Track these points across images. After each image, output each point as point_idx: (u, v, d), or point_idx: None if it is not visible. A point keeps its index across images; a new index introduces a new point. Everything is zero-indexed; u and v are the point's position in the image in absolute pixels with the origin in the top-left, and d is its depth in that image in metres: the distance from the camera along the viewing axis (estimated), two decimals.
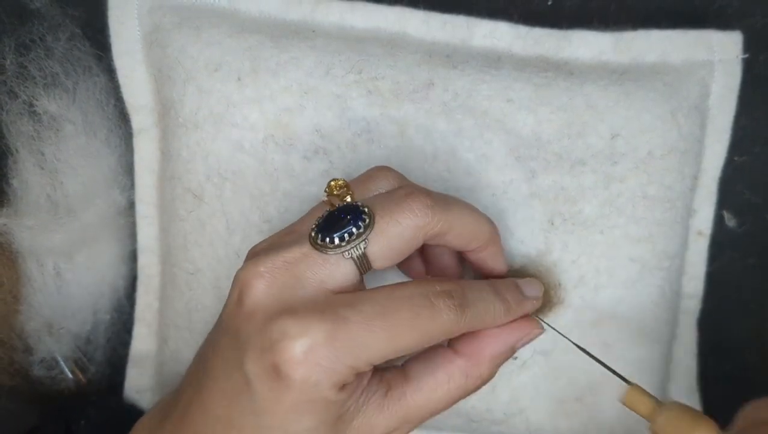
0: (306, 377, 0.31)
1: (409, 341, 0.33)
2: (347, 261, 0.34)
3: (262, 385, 0.32)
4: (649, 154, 0.43)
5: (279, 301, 0.33)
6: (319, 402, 0.32)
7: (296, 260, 0.34)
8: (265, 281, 0.33)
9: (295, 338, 0.31)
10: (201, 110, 0.43)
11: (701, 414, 0.35)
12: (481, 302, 0.36)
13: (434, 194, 0.35)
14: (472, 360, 0.37)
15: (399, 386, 0.36)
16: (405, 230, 0.34)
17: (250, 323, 0.33)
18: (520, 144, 0.43)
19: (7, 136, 0.47)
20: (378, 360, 0.32)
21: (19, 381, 0.49)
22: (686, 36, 0.45)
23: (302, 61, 0.43)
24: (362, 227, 0.34)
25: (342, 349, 0.31)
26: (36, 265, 0.48)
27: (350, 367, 0.32)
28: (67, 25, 0.47)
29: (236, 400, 0.33)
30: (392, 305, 0.33)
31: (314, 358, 0.31)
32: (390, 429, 0.35)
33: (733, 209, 0.50)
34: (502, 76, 0.43)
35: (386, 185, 0.37)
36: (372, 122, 0.43)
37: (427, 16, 0.45)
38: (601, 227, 0.44)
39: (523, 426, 0.46)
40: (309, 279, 0.33)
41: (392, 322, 0.32)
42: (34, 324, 0.49)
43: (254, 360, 0.32)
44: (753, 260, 0.50)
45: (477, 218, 0.37)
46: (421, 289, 0.34)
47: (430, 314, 0.33)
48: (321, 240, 0.34)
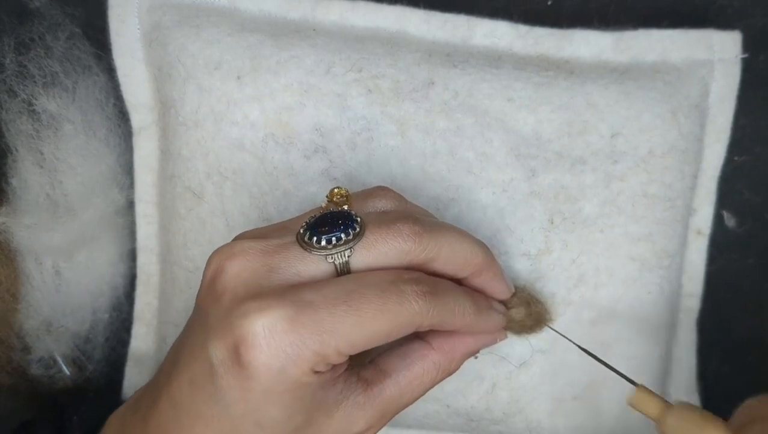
0: (269, 363, 0.31)
1: (377, 327, 0.32)
2: (328, 265, 0.33)
3: (226, 372, 0.31)
4: (649, 153, 0.43)
5: (247, 285, 0.32)
6: (288, 391, 0.31)
7: (275, 250, 0.33)
8: (237, 264, 0.33)
9: (255, 322, 0.31)
10: (201, 109, 0.43)
11: (711, 414, 0.35)
12: (450, 296, 0.35)
13: (425, 222, 0.35)
14: (446, 356, 0.37)
15: (378, 382, 0.36)
16: (390, 250, 0.34)
17: (217, 305, 0.33)
18: (521, 143, 0.43)
19: (7, 135, 0.47)
20: (347, 347, 0.32)
21: (17, 380, 0.49)
22: (686, 35, 0.45)
23: (302, 60, 0.43)
24: (351, 235, 0.33)
25: (306, 334, 0.31)
26: (35, 264, 0.48)
27: (317, 353, 0.31)
28: (67, 25, 0.47)
29: (202, 388, 0.32)
30: (359, 290, 0.32)
31: (276, 343, 0.31)
32: (370, 424, 0.35)
33: (732, 209, 0.50)
34: (502, 75, 0.43)
35: (384, 204, 0.37)
36: (372, 121, 0.43)
37: (428, 15, 0.45)
38: (601, 225, 0.44)
39: (522, 425, 0.46)
40: (283, 269, 0.33)
41: (359, 306, 0.32)
42: (32, 323, 0.48)
43: (217, 344, 0.31)
44: (752, 260, 0.50)
45: (467, 244, 0.36)
46: (389, 275, 0.33)
47: (399, 300, 0.32)
48: (308, 238, 0.33)
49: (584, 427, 0.46)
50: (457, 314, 0.35)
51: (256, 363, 0.31)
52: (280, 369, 0.31)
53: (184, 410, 0.33)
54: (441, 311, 0.34)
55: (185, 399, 0.33)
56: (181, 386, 0.33)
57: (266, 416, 0.32)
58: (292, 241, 0.34)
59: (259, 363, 0.31)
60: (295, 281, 0.33)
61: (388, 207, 0.37)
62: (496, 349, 0.44)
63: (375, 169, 0.43)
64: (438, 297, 0.34)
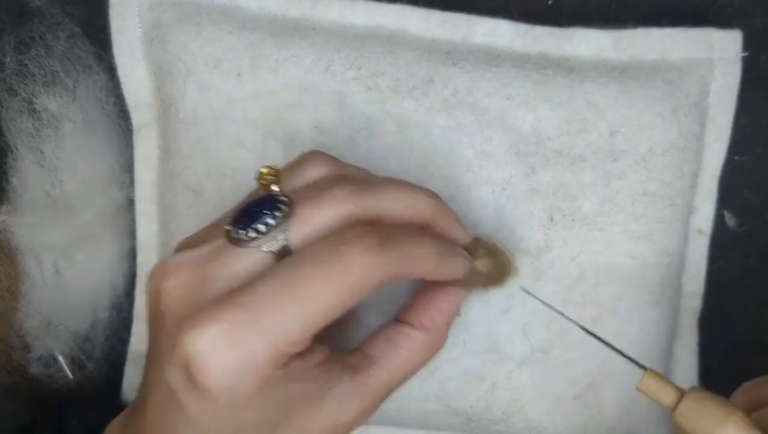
0: (222, 381, 0.30)
1: (324, 299, 0.30)
2: (266, 255, 0.31)
3: (187, 396, 0.30)
4: (649, 151, 0.43)
5: (185, 305, 0.31)
6: (254, 396, 0.30)
7: (208, 258, 0.32)
8: (172, 283, 0.32)
9: (196, 343, 0.29)
10: (201, 107, 0.43)
11: (727, 402, 0.34)
12: (406, 242, 0.33)
13: (361, 179, 0.34)
14: (431, 332, 0.36)
15: (364, 369, 0.34)
16: (328, 219, 0.32)
17: (162, 329, 0.32)
18: (520, 141, 0.43)
19: (7, 133, 0.47)
20: (300, 333, 0.30)
21: (16, 379, 0.49)
22: (686, 34, 0.45)
23: (302, 58, 0.43)
24: (280, 217, 0.32)
25: (249, 342, 0.29)
26: (35, 262, 0.48)
27: (268, 357, 0.30)
28: (67, 24, 0.47)
29: (173, 414, 0.31)
30: (294, 273, 0.30)
31: (222, 361, 0.29)
32: (361, 411, 0.34)
33: (733, 209, 0.50)
34: (501, 74, 0.43)
35: (316, 173, 0.35)
36: (371, 119, 0.43)
37: (427, 14, 0.45)
38: (601, 223, 0.44)
39: (522, 424, 0.45)
40: (218, 277, 0.31)
41: (297, 291, 0.30)
42: (32, 322, 0.49)
43: (170, 369, 0.30)
44: (753, 259, 0.50)
45: (412, 195, 0.35)
46: (325, 242, 0.31)
47: (342, 268, 0.30)
48: (236, 233, 0.32)
49: (584, 427, 0.46)
50: (418, 259, 0.33)
51: (211, 384, 0.30)
52: (235, 383, 0.30)
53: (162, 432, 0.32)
54: (398, 260, 0.32)
55: (160, 426, 0.32)
56: (153, 417, 0.33)
57: (242, 423, 0.31)
58: (224, 241, 0.32)
59: (213, 383, 0.29)
60: (232, 284, 0.31)
61: (321, 174, 0.35)
62: (497, 347, 0.44)
63: (374, 166, 0.42)
64: (391, 247, 0.32)
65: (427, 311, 0.36)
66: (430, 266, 0.34)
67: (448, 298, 0.37)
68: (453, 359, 0.44)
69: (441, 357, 0.43)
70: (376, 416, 0.45)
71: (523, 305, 0.44)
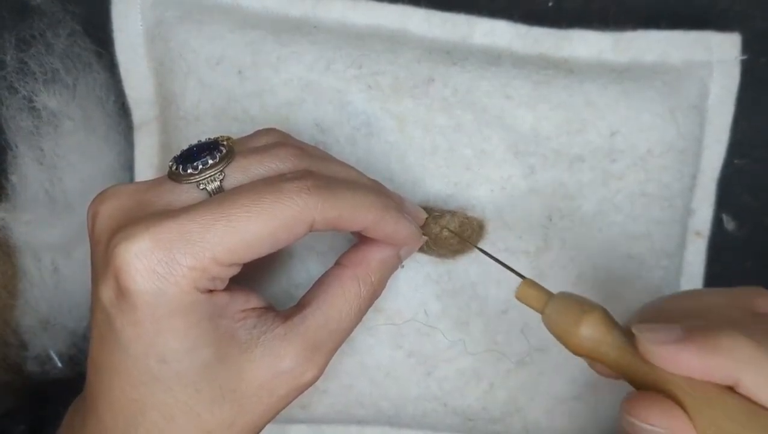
0: (144, 286, 0.30)
1: (254, 228, 0.31)
2: (201, 192, 0.32)
3: (115, 310, 0.31)
4: (647, 152, 0.44)
5: (118, 223, 0.32)
6: (178, 315, 0.31)
7: (147, 188, 0.33)
8: (109, 206, 0.33)
9: (126, 250, 0.30)
10: (202, 104, 0.43)
11: (590, 301, 0.34)
12: (347, 189, 0.33)
13: (308, 149, 0.35)
14: (360, 267, 0.36)
15: (298, 313, 0.35)
16: (265, 171, 0.33)
17: (97, 250, 0.32)
18: (519, 140, 0.43)
19: (7, 131, 0.47)
20: (226, 255, 0.31)
21: (12, 377, 0.49)
22: (685, 37, 0.45)
23: (303, 56, 0.43)
24: (218, 158, 0.33)
25: (174, 249, 0.30)
26: (33, 260, 0.48)
27: (192, 268, 0.30)
28: (68, 22, 0.47)
29: (107, 339, 0.32)
30: (230, 197, 0.31)
31: (147, 265, 0.30)
32: (300, 357, 0.34)
33: (731, 212, 0.50)
34: (501, 73, 0.43)
35: (265, 141, 0.36)
36: (372, 117, 0.43)
37: (428, 14, 0.45)
38: (600, 224, 0.44)
39: (520, 424, 0.45)
40: (154, 203, 0.32)
41: (229, 211, 0.30)
42: (30, 320, 0.48)
43: (103, 285, 0.31)
44: (751, 263, 0.50)
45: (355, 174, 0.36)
46: (266, 178, 0.33)
47: (275, 198, 0.31)
48: (174, 169, 0.33)
49: (583, 427, 0.46)
50: (358, 207, 0.34)
51: (134, 288, 0.30)
52: (157, 290, 0.30)
53: (101, 368, 0.33)
54: (336, 204, 0.32)
55: (99, 357, 0.33)
56: (94, 346, 0.33)
57: (166, 349, 0.31)
58: (163, 178, 0.33)
59: (136, 287, 0.30)
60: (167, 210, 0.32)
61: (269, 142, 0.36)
62: (495, 347, 0.44)
63: (374, 164, 0.43)
64: (329, 190, 0.32)
65: (359, 250, 0.37)
66: (372, 216, 0.34)
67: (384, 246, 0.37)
68: (451, 358, 0.44)
69: (439, 356, 0.43)
70: (374, 416, 0.45)
71: (521, 305, 0.43)
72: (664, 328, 0.32)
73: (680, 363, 0.31)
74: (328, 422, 0.47)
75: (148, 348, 0.31)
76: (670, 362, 0.31)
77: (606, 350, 0.33)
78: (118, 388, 0.32)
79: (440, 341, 0.43)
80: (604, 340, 0.33)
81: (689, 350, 0.31)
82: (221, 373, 0.32)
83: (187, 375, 0.32)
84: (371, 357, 0.43)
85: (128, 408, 0.32)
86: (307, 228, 0.32)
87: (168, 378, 0.32)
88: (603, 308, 0.34)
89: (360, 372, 0.44)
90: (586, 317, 0.33)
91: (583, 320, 0.33)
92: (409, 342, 0.43)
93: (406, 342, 0.43)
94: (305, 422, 0.47)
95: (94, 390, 0.33)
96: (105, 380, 0.33)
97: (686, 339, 0.31)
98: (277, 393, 0.34)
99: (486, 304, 0.43)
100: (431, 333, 0.43)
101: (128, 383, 0.32)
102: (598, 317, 0.33)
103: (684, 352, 0.31)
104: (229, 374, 0.33)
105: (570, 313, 0.33)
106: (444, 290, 0.43)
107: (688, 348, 0.31)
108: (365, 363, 0.43)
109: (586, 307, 0.33)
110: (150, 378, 0.32)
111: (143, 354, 0.31)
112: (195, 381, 0.32)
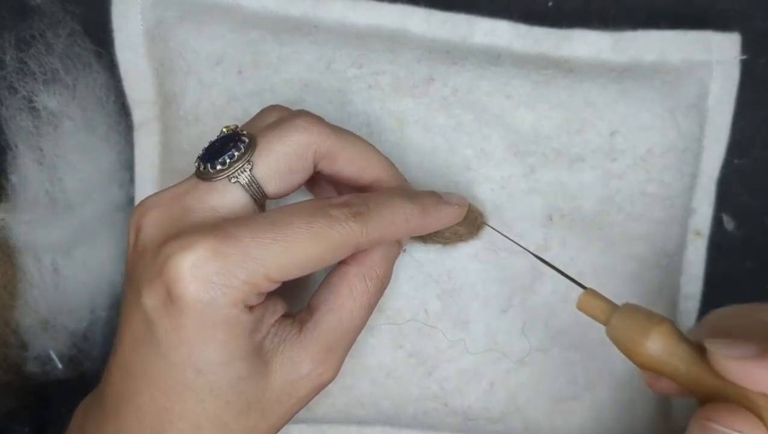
0: (198, 295, 0.31)
1: (307, 250, 0.32)
2: (235, 187, 0.33)
3: (160, 316, 0.31)
4: (648, 151, 0.44)
5: (167, 232, 0.32)
6: (222, 327, 0.31)
7: (184, 192, 0.33)
8: (153, 216, 0.33)
9: (180, 255, 0.31)
10: (202, 103, 0.43)
11: (657, 314, 0.33)
12: (386, 208, 0.35)
13: (321, 118, 0.35)
14: (365, 263, 0.36)
15: (310, 318, 0.35)
16: (290, 146, 0.34)
17: (143, 259, 0.32)
18: (519, 140, 0.43)
19: (7, 131, 0.47)
20: (277, 273, 0.32)
21: (12, 377, 0.49)
22: (685, 36, 0.45)
23: (303, 56, 0.43)
24: (242, 149, 0.33)
25: (232, 263, 0.31)
26: (33, 261, 0.48)
27: (246, 282, 0.31)
28: (68, 22, 0.47)
29: (142, 343, 0.32)
30: (285, 218, 0.32)
31: (203, 274, 0.30)
32: (316, 361, 0.35)
33: (731, 212, 0.50)
34: (501, 73, 0.43)
35: (274, 118, 0.36)
36: (372, 116, 0.43)
37: (428, 14, 0.45)
38: (600, 223, 0.44)
39: (520, 424, 0.45)
40: (198, 208, 0.33)
41: (285, 233, 0.32)
42: (30, 320, 0.48)
43: (149, 292, 0.31)
44: (751, 263, 0.50)
45: (369, 145, 0.37)
46: (316, 202, 0.34)
47: (327, 223, 0.32)
48: (203, 168, 0.34)
49: (583, 427, 0.46)
50: (398, 222, 0.35)
51: (187, 296, 0.30)
52: (210, 300, 0.31)
53: (129, 373, 0.33)
54: (378, 225, 0.34)
55: (130, 361, 0.33)
56: (124, 350, 0.33)
57: (204, 359, 0.32)
58: (195, 179, 0.34)
59: (190, 295, 0.30)
60: (213, 217, 0.33)
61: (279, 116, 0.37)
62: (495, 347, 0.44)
63: None
64: (371, 213, 0.34)
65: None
66: (413, 225, 0.36)
67: None
68: (451, 358, 0.44)
69: (439, 356, 0.43)
70: (374, 416, 0.45)
71: (522, 305, 0.44)
72: (741, 343, 0.31)
73: (756, 379, 0.30)
74: (329, 422, 0.47)
75: (188, 357, 0.32)
76: (747, 377, 0.31)
77: (676, 363, 0.32)
78: (147, 394, 0.33)
79: (441, 341, 0.43)
80: (674, 353, 0.32)
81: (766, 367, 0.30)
82: (249, 385, 0.33)
83: (219, 387, 0.32)
84: (372, 357, 0.43)
85: (156, 415, 0.33)
86: (352, 250, 0.34)
87: (201, 389, 0.32)
88: (671, 320, 0.33)
89: (361, 372, 0.44)
90: (655, 328, 0.32)
91: (652, 332, 0.32)
92: (410, 341, 0.43)
93: (407, 342, 0.43)
94: (306, 422, 0.47)
95: (119, 394, 0.34)
96: (134, 385, 0.33)
97: (763, 355, 0.31)
98: (297, 396, 0.35)
99: (486, 304, 0.43)
100: (432, 332, 0.43)
101: (160, 390, 0.32)
102: (666, 329, 0.32)
103: (760, 368, 0.30)
104: (255, 385, 0.33)
105: (637, 325, 0.33)
106: (444, 289, 0.43)
107: (764, 365, 0.30)
108: (366, 363, 0.43)
109: (654, 319, 0.33)
110: (183, 387, 0.32)
111: (181, 363, 0.32)
112: (226, 393, 0.33)
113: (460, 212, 0.39)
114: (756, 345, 0.31)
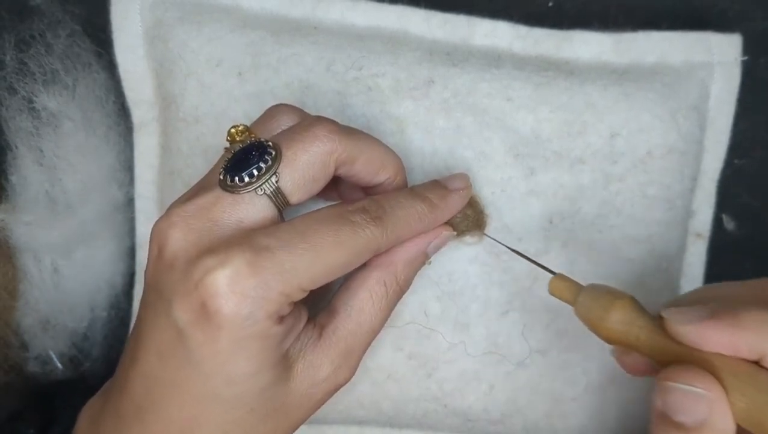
0: (236, 310, 0.31)
1: (336, 257, 0.33)
2: (261, 198, 0.34)
3: (194, 330, 0.31)
4: (648, 153, 0.43)
5: (198, 245, 0.32)
6: (256, 339, 0.32)
7: (210, 205, 0.33)
8: (180, 229, 0.33)
9: (218, 271, 0.31)
10: (202, 105, 0.43)
11: (619, 290, 0.35)
12: (400, 209, 0.36)
13: (338, 123, 0.36)
14: (388, 268, 0.37)
15: (330, 322, 0.36)
16: (314, 156, 0.34)
17: (172, 272, 0.33)
18: (519, 142, 0.43)
19: (7, 132, 0.47)
20: (309, 282, 0.32)
21: (13, 377, 0.49)
22: (685, 38, 0.45)
23: (303, 57, 0.43)
24: (270, 161, 0.34)
25: (269, 276, 0.31)
26: (33, 261, 0.48)
27: (281, 294, 0.32)
28: (67, 22, 0.47)
29: (171, 355, 0.32)
30: (312, 227, 0.33)
31: (241, 289, 0.31)
32: (335, 364, 0.35)
33: (732, 213, 0.50)
34: (501, 75, 0.43)
35: (288, 120, 0.37)
36: (372, 119, 0.43)
37: (428, 15, 0.45)
38: (600, 226, 0.44)
39: (520, 425, 0.46)
40: (225, 221, 0.33)
41: (314, 241, 0.32)
42: (30, 320, 0.48)
43: (182, 306, 0.32)
44: (752, 264, 0.50)
45: (382, 146, 0.37)
46: (336, 209, 0.34)
47: (351, 230, 0.33)
48: (231, 181, 0.34)
49: (583, 428, 0.46)
50: (412, 222, 0.36)
51: (225, 311, 0.31)
52: (248, 314, 0.31)
53: (156, 382, 0.33)
54: (395, 227, 0.35)
55: (155, 371, 0.33)
56: (150, 360, 0.33)
57: (235, 370, 0.32)
58: (220, 190, 0.34)
59: (228, 310, 0.31)
60: (240, 228, 0.33)
61: (292, 121, 0.37)
62: (495, 349, 0.44)
63: None
64: (387, 216, 0.35)
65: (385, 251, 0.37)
66: (426, 223, 0.37)
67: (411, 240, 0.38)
68: (451, 360, 0.44)
69: (439, 357, 0.43)
70: (375, 416, 0.45)
71: (522, 307, 0.44)
72: (692, 308, 0.33)
73: (709, 339, 0.32)
74: (330, 422, 0.47)
75: (220, 367, 0.32)
76: (700, 339, 0.32)
77: (637, 333, 0.34)
78: (175, 404, 0.33)
79: (441, 343, 0.43)
80: (634, 324, 0.34)
81: (717, 327, 0.32)
82: (274, 392, 0.34)
83: (246, 396, 0.33)
84: (372, 359, 0.43)
85: (183, 423, 0.33)
86: (372, 254, 0.35)
87: (229, 399, 0.33)
88: (632, 295, 0.35)
89: (361, 373, 0.44)
90: (616, 303, 0.34)
91: (614, 306, 0.34)
92: (410, 343, 0.43)
93: (407, 344, 0.43)
94: (306, 422, 0.47)
95: (143, 402, 0.34)
96: (160, 394, 0.33)
97: (713, 316, 0.32)
98: (315, 399, 0.36)
99: (486, 306, 0.43)
100: (432, 334, 0.43)
101: (189, 400, 0.33)
102: (627, 303, 0.34)
103: (712, 329, 0.32)
104: (278, 392, 0.34)
105: (601, 301, 0.35)
106: (444, 292, 0.43)
107: (715, 325, 0.32)
108: (366, 365, 0.43)
109: (616, 294, 0.35)
110: (213, 397, 0.33)
111: (213, 373, 0.32)
112: (251, 401, 0.33)
113: (465, 194, 0.40)
114: (707, 308, 0.33)
